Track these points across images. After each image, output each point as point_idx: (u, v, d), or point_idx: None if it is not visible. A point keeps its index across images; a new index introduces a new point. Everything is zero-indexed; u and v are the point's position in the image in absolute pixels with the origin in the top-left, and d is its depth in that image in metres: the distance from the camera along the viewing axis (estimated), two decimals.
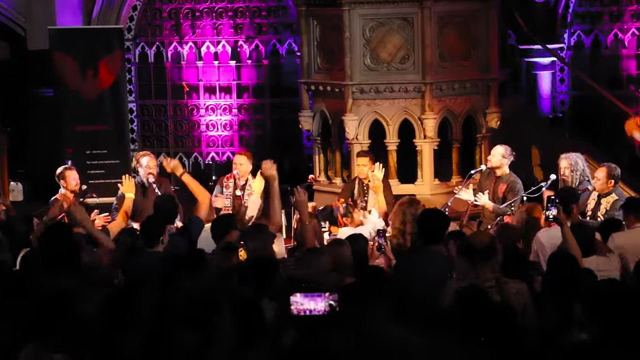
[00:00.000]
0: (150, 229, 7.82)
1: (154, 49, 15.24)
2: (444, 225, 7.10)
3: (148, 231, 7.81)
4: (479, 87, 12.09)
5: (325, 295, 5.06)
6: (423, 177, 11.86)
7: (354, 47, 11.76)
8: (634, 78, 14.61)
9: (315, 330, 4.93)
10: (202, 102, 15.18)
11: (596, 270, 6.94)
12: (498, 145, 11.01)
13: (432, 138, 11.79)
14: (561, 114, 14.65)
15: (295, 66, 14.54)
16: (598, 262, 7.37)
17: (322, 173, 12.46)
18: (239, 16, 15.13)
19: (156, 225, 7.85)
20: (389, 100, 11.85)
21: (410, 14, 11.72)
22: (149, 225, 7.91)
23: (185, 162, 15.27)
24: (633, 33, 14.56)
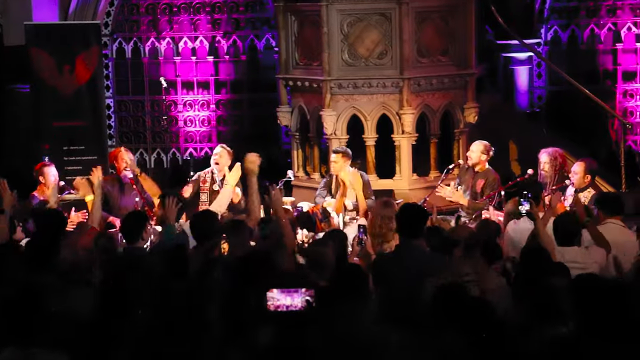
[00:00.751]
0: (131, 225, 7.82)
1: (131, 45, 15.18)
2: (423, 220, 7.11)
3: (129, 227, 7.81)
4: (457, 83, 12.12)
5: (302, 291, 5.06)
6: (401, 172, 11.89)
7: (332, 43, 11.77)
8: (610, 73, 14.67)
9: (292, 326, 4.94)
10: (180, 98, 15.15)
11: (574, 262, 6.98)
12: (477, 141, 11.05)
13: (410, 133, 11.81)
14: (538, 109, 14.70)
15: (273, 62, 14.53)
16: (577, 253, 7.41)
17: (300, 168, 12.47)
18: (217, 11, 15.09)
19: (137, 222, 7.84)
20: (367, 95, 11.86)
21: (388, 9, 11.73)
22: (130, 221, 7.91)
23: (163, 158, 15.23)
24: (609, 28, 14.62)
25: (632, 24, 14.53)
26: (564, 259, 7.08)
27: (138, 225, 7.76)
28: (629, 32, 14.55)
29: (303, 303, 4.98)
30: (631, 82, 14.59)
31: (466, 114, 12.11)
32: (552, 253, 7.17)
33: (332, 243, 7.21)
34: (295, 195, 11.84)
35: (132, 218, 8.03)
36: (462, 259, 6.52)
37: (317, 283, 6.33)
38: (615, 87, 14.60)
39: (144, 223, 7.85)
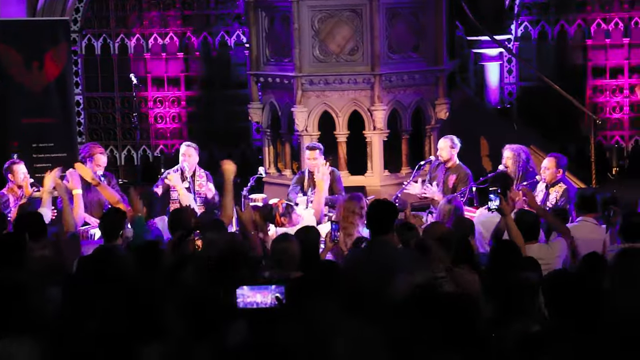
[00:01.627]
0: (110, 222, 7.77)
1: (100, 41, 15.08)
2: (393, 216, 7.11)
3: (108, 225, 7.76)
4: (428, 79, 12.14)
5: (272, 288, 5.05)
6: (373, 169, 11.89)
7: (302, 39, 11.75)
8: (580, 68, 14.73)
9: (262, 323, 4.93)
10: (150, 95, 15.07)
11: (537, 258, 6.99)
12: (443, 137, 11.09)
13: (381, 129, 11.81)
14: (509, 105, 14.74)
15: (244, 58, 14.48)
16: (540, 250, 7.44)
17: (271, 165, 12.44)
18: (187, 8, 15.02)
19: (116, 220, 7.79)
20: (338, 91, 11.85)
21: (358, 5, 11.73)
22: (108, 219, 7.86)
23: (133, 155, 15.15)
24: (579, 24, 14.68)
25: (601, 20, 14.60)
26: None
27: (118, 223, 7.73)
28: (599, 28, 14.62)
29: (273, 300, 4.96)
30: (601, 78, 14.65)
31: (437, 110, 12.13)
32: (523, 248, 7.20)
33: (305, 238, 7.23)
34: (267, 192, 11.81)
35: (113, 216, 7.98)
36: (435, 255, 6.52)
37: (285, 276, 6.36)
38: (585, 82, 14.66)
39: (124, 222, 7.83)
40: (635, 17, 14.51)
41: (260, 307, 4.94)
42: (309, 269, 5.92)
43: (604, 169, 14.01)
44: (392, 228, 7.02)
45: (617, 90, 14.63)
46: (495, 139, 12.91)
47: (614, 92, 14.64)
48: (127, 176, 14.95)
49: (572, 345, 4.76)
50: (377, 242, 6.96)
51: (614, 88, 14.64)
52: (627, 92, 14.59)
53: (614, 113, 14.65)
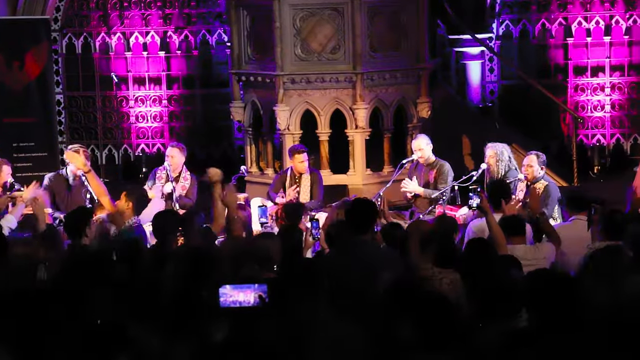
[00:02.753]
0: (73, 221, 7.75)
1: (81, 40, 15.02)
2: (372, 215, 7.10)
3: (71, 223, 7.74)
4: (410, 77, 12.15)
5: (255, 287, 5.04)
6: (355, 167, 11.89)
7: (284, 38, 11.74)
8: (562, 67, 14.77)
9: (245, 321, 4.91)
10: (132, 94, 15.02)
11: (523, 258, 7.00)
12: (418, 137, 11.11)
13: (363, 128, 11.82)
14: (490, 104, 14.76)
15: (225, 57, 14.45)
16: (526, 251, 7.44)
17: (253, 164, 12.43)
18: (168, 6, 14.97)
19: (80, 218, 7.77)
20: (320, 90, 11.85)
21: (340, 4, 11.73)
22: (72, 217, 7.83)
23: (114, 154, 15.10)
24: (560, 23, 14.72)
25: (582, 19, 14.64)
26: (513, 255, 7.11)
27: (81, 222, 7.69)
28: (580, 26, 14.66)
29: (256, 298, 4.95)
30: (582, 76, 14.70)
31: (419, 108, 12.14)
32: (504, 247, 7.20)
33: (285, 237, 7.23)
34: (249, 190, 11.81)
35: (74, 214, 7.96)
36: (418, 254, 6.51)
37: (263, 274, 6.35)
38: (566, 81, 14.69)
39: (87, 219, 7.79)
40: (616, 15, 14.56)
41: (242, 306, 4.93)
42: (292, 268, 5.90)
43: (586, 167, 14.05)
44: (371, 227, 7.02)
45: (599, 89, 14.67)
46: (477, 138, 12.94)
47: (595, 90, 14.68)
48: (108, 175, 14.89)
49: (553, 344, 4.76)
50: (357, 242, 6.96)
51: (595, 87, 14.68)
52: (608, 91, 14.63)
53: (595, 112, 14.69)
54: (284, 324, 5.07)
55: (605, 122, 14.70)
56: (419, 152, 10.88)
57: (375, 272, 6.44)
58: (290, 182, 10.92)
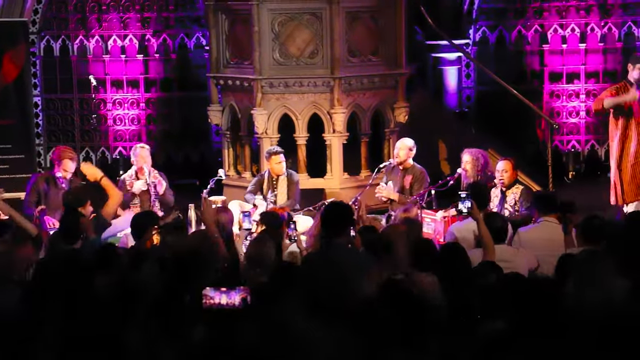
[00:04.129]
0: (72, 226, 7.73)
1: (59, 43, 14.99)
2: (347, 219, 7.14)
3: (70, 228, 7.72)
4: (387, 82, 12.21)
5: (238, 289, 5.07)
6: (332, 171, 11.94)
7: (263, 42, 11.77)
8: (538, 73, 14.88)
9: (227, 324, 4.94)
10: (109, 96, 15.01)
11: (503, 260, 7.05)
12: (402, 139, 11.19)
13: (341, 132, 11.87)
14: (467, 109, 14.85)
15: (203, 60, 14.47)
16: (506, 251, 7.49)
17: (231, 167, 12.44)
18: (146, 10, 14.97)
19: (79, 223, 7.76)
20: (298, 94, 11.89)
21: (319, 9, 11.78)
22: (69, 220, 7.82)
23: (92, 157, 15.07)
24: (536, 29, 14.83)
25: (558, 26, 14.76)
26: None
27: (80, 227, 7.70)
28: (555, 33, 14.78)
29: (239, 301, 4.98)
30: (557, 82, 14.82)
31: (396, 113, 12.20)
32: (493, 253, 7.24)
33: None
34: (226, 194, 11.82)
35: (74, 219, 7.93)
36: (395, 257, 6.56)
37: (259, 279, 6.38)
38: (542, 87, 14.81)
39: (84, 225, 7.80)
40: (591, 23, 14.69)
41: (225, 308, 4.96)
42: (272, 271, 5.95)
43: (561, 173, 14.15)
44: (346, 231, 7.05)
45: (574, 95, 14.80)
46: (454, 143, 13.02)
47: (570, 97, 14.81)
48: (85, 178, 14.85)
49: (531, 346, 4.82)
50: (332, 245, 7.00)
51: (570, 93, 14.80)
52: (584, 97, 14.76)
53: (570, 118, 14.81)
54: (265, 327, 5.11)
55: (580, 128, 14.83)
56: (397, 150, 10.92)
57: (348, 275, 6.49)
58: (268, 184, 10.97)
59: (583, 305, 5.46)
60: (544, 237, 8.00)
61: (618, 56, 14.68)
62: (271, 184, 10.97)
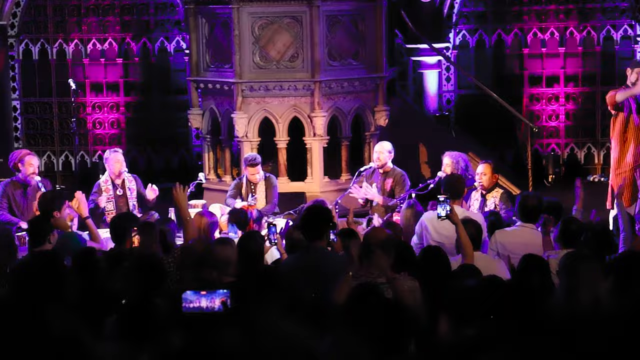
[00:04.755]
0: (38, 227, 7.71)
1: (38, 46, 14.95)
2: (326, 222, 7.13)
3: (35, 230, 7.70)
4: (368, 86, 12.21)
5: (217, 293, 5.05)
6: (313, 175, 11.93)
7: (243, 45, 11.75)
8: (517, 77, 14.92)
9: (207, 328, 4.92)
10: (89, 100, 14.96)
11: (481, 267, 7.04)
12: (380, 142, 11.20)
13: (321, 136, 11.86)
14: (447, 112, 14.87)
15: (183, 64, 14.45)
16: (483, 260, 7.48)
17: (211, 171, 12.42)
18: (126, 13, 14.94)
19: (45, 224, 7.74)
20: (278, 98, 11.88)
21: (299, 12, 11.77)
22: (36, 223, 7.80)
23: (71, 161, 15.02)
24: (515, 33, 14.88)
25: (537, 30, 14.82)
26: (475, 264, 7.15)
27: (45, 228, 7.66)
28: (535, 37, 14.83)
29: (218, 305, 4.96)
30: (537, 86, 14.87)
31: (377, 117, 12.21)
32: (471, 256, 7.24)
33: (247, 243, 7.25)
34: (207, 197, 11.79)
35: (39, 221, 7.93)
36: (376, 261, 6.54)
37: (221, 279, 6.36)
38: (522, 91, 14.85)
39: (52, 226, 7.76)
40: (571, 27, 14.75)
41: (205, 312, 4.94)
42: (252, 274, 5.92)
43: (541, 176, 14.19)
44: (325, 234, 7.05)
45: (553, 99, 14.85)
46: (434, 146, 13.02)
47: (550, 100, 14.86)
48: (65, 182, 14.81)
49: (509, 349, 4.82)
50: (311, 248, 6.99)
51: (550, 96, 14.86)
52: (563, 101, 14.81)
53: (550, 121, 14.86)
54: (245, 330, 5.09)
55: (560, 131, 14.88)
56: (378, 153, 10.94)
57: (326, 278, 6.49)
58: (247, 188, 10.96)
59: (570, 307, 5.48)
60: (522, 241, 8.00)
61: (597, 60, 14.74)
62: (250, 187, 10.97)
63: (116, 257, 6.86)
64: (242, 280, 6.25)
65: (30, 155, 10.64)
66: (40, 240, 7.59)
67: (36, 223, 7.85)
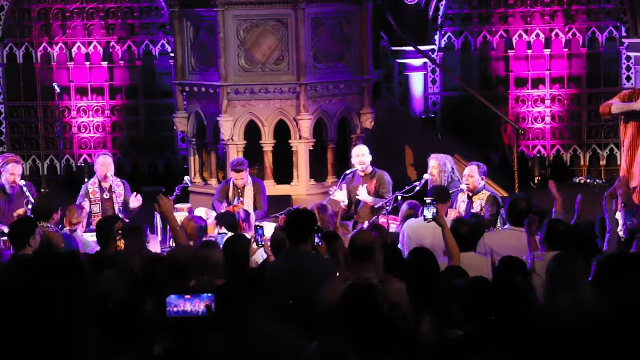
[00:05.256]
0: (18, 230, 7.69)
1: (22, 50, 14.90)
2: (311, 225, 7.13)
3: (16, 233, 7.68)
4: (353, 88, 12.20)
5: (202, 296, 5.03)
6: (299, 178, 11.91)
7: (228, 48, 11.73)
8: (503, 79, 14.95)
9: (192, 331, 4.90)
10: (74, 104, 14.92)
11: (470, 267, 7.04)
12: (358, 146, 11.20)
13: (307, 139, 11.84)
14: (433, 115, 14.88)
15: (169, 67, 14.42)
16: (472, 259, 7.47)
17: (197, 174, 12.39)
18: (111, 17, 14.91)
19: (25, 227, 7.71)
20: (264, 101, 11.85)
21: (284, 15, 11.75)
22: (17, 227, 7.77)
23: (56, 165, 14.97)
24: (501, 35, 14.90)
25: (523, 32, 14.84)
26: (462, 264, 7.15)
27: (26, 231, 7.64)
28: (520, 39, 14.85)
29: (203, 308, 4.94)
30: (523, 88, 14.89)
31: (362, 119, 12.19)
32: (457, 258, 7.23)
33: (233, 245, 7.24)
34: (192, 201, 11.76)
35: (19, 224, 7.91)
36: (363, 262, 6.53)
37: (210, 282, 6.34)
38: (507, 93, 14.88)
39: (32, 229, 7.74)
40: (556, 28, 14.77)
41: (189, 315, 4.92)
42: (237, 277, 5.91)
43: (526, 178, 14.21)
44: (309, 237, 7.04)
45: (539, 101, 14.88)
46: (420, 148, 13.03)
47: (535, 102, 14.88)
48: (50, 186, 14.77)
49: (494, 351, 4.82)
50: (296, 251, 6.98)
51: (535, 98, 14.88)
52: (549, 103, 14.84)
53: (535, 123, 14.88)
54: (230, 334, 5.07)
55: (546, 133, 14.90)
56: (362, 157, 10.94)
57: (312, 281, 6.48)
58: (234, 192, 10.93)
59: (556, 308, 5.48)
60: (510, 244, 7.99)
61: (582, 61, 14.77)
62: (236, 191, 10.94)
63: (101, 261, 6.83)
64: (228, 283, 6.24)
65: (14, 163, 10.57)
66: (20, 243, 7.58)
67: (16, 226, 7.83)
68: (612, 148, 14.82)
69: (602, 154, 14.87)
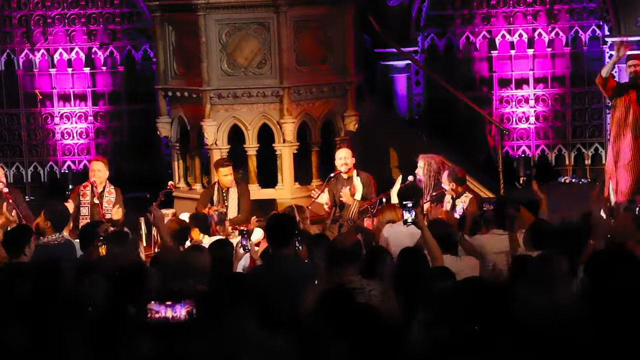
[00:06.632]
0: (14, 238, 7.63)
1: (4, 57, 14.83)
2: (292, 229, 7.11)
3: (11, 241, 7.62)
4: (337, 91, 12.18)
5: (183, 302, 5.00)
6: (283, 181, 11.88)
7: (210, 53, 11.70)
8: (487, 80, 14.95)
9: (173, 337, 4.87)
10: (57, 110, 14.85)
11: None
12: (340, 149, 11.18)
13: (291, 142, 11.82)
14: (417, 116, 14.87)
15: (151, 72, 14.36)
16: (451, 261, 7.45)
17: (181, 179, 12.35)
18: (92, 22, 14.85)
19: (21, 236, 7.65)
20: (247, 105, 11.82)
21: (266, 18, 11.73)
22: (13, 235, 7.71)
23: (40, 172, 14.91)
24: (484, 36, 14.90)
25: (506, 32, 14.84)
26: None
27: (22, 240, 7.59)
28: (503, 39, 14.86)
29: (184, 314, 4.91)
30: (506, 88, 14.89)
31: (347, 122, 12.17)
32: (440, 260, 7.21)
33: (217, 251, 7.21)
34: (177, 206, 11.73)
35: (16, 232, 7.85)
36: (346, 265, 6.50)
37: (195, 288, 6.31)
38: (491, 93, 14.88)
39: (28, 238, 7.69)
40: (539, 28, 14.78)
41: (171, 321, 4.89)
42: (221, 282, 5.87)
43: (511, 178, 14.21)
44: (291, 241, 7.02)
45: (523, 101, 14.88)
46: (405, 150, 13.02)
47: (519, 102, 14.89)
48: (34, 193, 14.71)
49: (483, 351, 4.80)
50: (277, 256, 6.96)
51: (519, 99, 14.88)
52: (533, 103, 14.85)
53: (520, 123, 14.88)
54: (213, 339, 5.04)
55: (530, 133, 14.91)
56: (345, 159, 10.92)
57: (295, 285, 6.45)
58: (218, 196, 10.89)
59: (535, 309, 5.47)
60: (497, 246, 7.97)
61: (566, 61, 14.79)
62: (221, 195, 10.90)
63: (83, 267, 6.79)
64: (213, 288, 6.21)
65: None
66: (16, 252, 7.51)
67: (12, 235, 7.76)
68: (597, 147, 14.84)
69: (587, 153, 14.88)
